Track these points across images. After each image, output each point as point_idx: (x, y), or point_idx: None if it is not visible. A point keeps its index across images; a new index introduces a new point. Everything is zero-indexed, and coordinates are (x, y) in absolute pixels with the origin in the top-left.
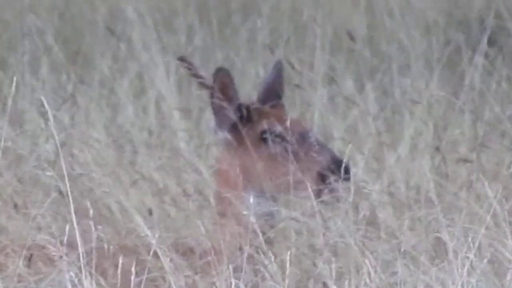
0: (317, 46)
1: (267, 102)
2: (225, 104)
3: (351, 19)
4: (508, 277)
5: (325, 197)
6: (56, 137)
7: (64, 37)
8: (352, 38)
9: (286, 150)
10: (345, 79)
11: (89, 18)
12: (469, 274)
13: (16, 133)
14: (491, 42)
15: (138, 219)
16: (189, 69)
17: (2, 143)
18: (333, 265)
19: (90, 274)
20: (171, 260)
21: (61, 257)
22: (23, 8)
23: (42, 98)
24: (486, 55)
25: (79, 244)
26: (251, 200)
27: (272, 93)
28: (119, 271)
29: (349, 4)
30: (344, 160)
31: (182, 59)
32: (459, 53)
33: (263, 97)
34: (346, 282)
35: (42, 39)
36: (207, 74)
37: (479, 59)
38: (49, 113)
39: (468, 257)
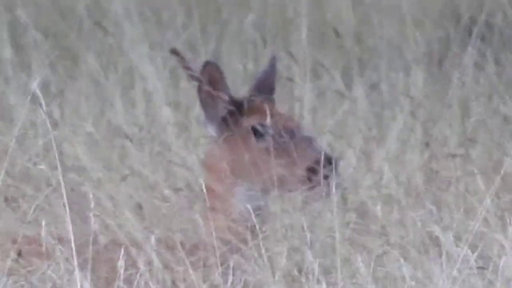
0: (305, 41)
1: (259, 97)
2: (214, 97)
3: (339, 14)
4: (499, 271)
5: (314, 192)
6: (50, 129)
7: (53, 32)
8: (337, 34)
9: (276, 145)
10: (333, 74)
11: (77, 13)
12: (458, 268)
13: (6, 127)
14: (480, 38)
15: (128, 214)
16: (181, 61)
17: None
18: (323, 260)
19: (81, 268)
20: (161, 255)
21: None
22: (12, 3)
23: (37, 91)
24: (475, 51)
25: (71, 238)
26: (240, 194)
27: (265, 88)
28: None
29: None
30: (334, 156)
31: (174, 51)
32: (448, 49)
33: (255, 92)
34: (336, 277)
35: (31, 34)
36: (198, 67)
37: (468, 55)
38: (43, 107)
39: (457, 252)
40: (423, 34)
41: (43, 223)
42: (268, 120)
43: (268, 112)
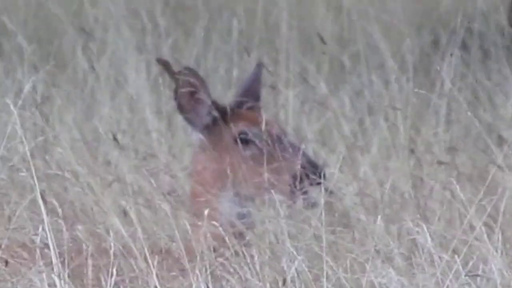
0: (289, 47)
1: (245, 103)
2: (195, 104)
3: (323, 21)
4: (484, 278)
5: (299, 200)
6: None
7: (38, 37)
8: (322, 40)
9: (261, 153)
10: (317, 81)
11: (62, 18)
12: (443, 275)
13: None
14: (463, 45)
15: (114, 220)
16: (167, 70)
17: None
18: (309, 267)
19: (65, 275)
20: (146, 261)
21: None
22: None
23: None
24: (459, 58)
25: (51, 245)
26: (226, 201)
27: (251, 95)
28: (90, 271)
29: (321, 5)
30: (319, 163)
31: (160, 61)
32: (432, 56)
33: (241, 99)
34: (321, 284)
35: (16, 40)
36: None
37: (450, 62)
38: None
39: (442, 259)
40: (406, 41)
41: (28, 229)
42: (254, 128)
43: (254, 119)
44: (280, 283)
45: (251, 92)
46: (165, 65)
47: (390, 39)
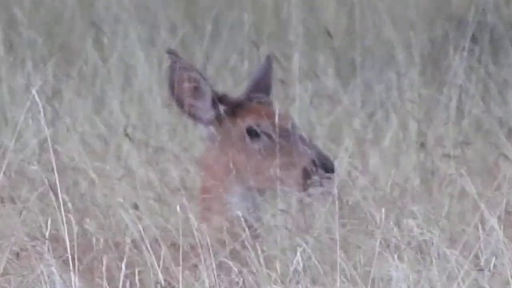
0: (299, 42)
1: (256, 97)
2: (193, 99)
3: (333, 15)
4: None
5: (311, 190)
6: (45, 128)
7: (48, 31)
8: (330, 35)
9: (271, 146)
10: (328, 75)
11: (72, 11)
12: (454, 269)
13: (0, 127)
14: (474, 39)
15: (124, 214)
16: (177, 62)
17: None
18: (319, 261)
19: (75, 268)
20: (157, 255)
21: (48, 251)
22: (8, 1)
23: (34, 92)
24: (470, 52)
25: (66, 239)
26: (236, 195)
27: (261, 89)
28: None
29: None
30: (329, 156)
31: (171, 52)
32: (443, 49)
33: (252, 93)
34: (332, 277)
35: (26, 33)
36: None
37: (461, 55)
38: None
39: (453, 253)
40: (417, 35)
41: (39, 223)
42: (264, 121)
43: (265, 113)
44: (290, 276)
45: (261, 86)
46: (175, 56)
47: (401, 33)
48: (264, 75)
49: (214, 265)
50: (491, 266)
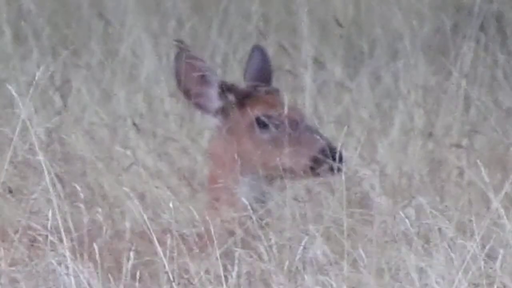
0: (307, 31)
1: (264, 87)
2: (203, 87)
3: (341, 4)
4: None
5: (320, 172)
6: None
7: (55, 21)
8: (339, 24)
9: (279, 136)
10: (336, 65)
11: (80, 3)
12: (461, 258)
13: (8, 117)
14: (482, 28)
15: (131, 204)
16: (185, 51)
17: None
18: (327, 251)
19: (82, 258)
20: (165, 245)
21: (60, 241)
22: None
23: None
24: (477, 41)
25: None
26: (244, 185)
27: (262, 78)
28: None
29: None
30: (337, 147)
31: (178, 41)
32: (451, 38)
33: (253, 83)
34: (340, 266)
35: (33, 23)
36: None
37: (469, 44)
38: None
39: (460, 242)
40: (424, 24)
41: (46, 213)
42: (272, 111)
43: (273, 103)
44: (298, 265)
45: (262, 76)
46: (183, 45)
47: (409, 22)
48: (263, 65)
49: (218, 255)
50: (500, 255)
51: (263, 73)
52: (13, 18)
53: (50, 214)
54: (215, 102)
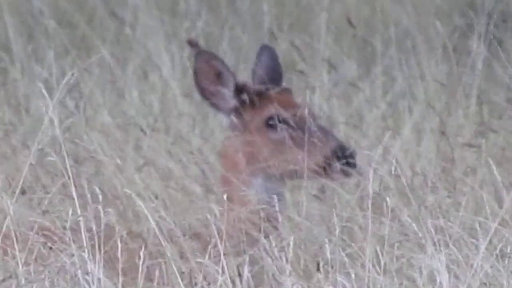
0: (321, 30)
1: (276, 87)
2: (217, 87)
3: (354, 4)
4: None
5: (333, 172)
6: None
7: (68, 21)
8: (352, 24)
9: (292, 136)
10: (349, 64)
11: (93, 3)
12: (473, 258)
13: (20, 118)
14: (495, 26)
15: (144, 204)
16: (201, 51)
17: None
18: (340, 250)
19: (96, 258)
20: (176, 245)
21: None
22: None
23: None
24: (490, 40)
25: (84, 229)
26: (257, 185)
27: (272, 78)
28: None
29: None
30: (349, 146)
31: (191, 41)
32: (464, 38)
33: (262, 82)
34: (354, 266)
35: (45, 23)
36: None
37: (483, 44)
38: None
39: (473, 242)
40: (438, 23)
41: (60, 213)
42: (285, 111)
43: (285, 103)
44: (312, 267)
45: (271, 76)
46: (195, 46)
47: (422, 22)
48: (273, 65)
49: (236, 257)
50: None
51: (272, 73)
52: (25, 19)
53: (69, 214)
54: (230, 101)
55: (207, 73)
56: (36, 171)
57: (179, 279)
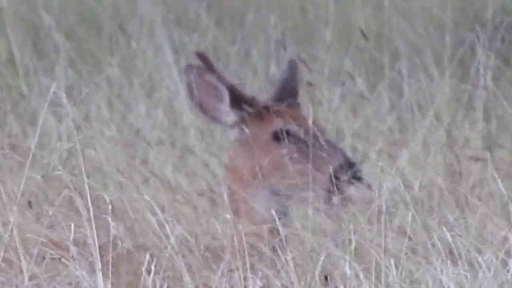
0: (328, 43)
1: (283, 101)
2: (212, 102)
3: (361, 17)
4: None
5: (336, 200)
6: (72, 133)
7: (76, 35)
8: (364, 35)
9: (299, 150)
10: (356, 77)
11: (100, 16)
12: (481, 271)
13: (28, 131)
14: (502, 40)
15: (151, 218)
16: (206, 65)
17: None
18: (348, 264)
19: (104, 272)
20: (184, 258)
21: (72, 256)
22: (36, 6)
23: (60, 95)
24: (498, 53)
25: (91, 243)
26: (263, 198)
27: (288, 92)
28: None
29: (360, 2)
30: (356, 162)
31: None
32: (471, 52)
33: (278, 96)
34: (361, 279)
35: (54, 38)
36: (222, 71)
37: (490, 58)
38: (68, 108)
39: (482, 257)
40: (445, 37)
41: (65, 227)
42: (291, 125)
43: (293, 116)
44: (320, 278)
45: (288, 89)
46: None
47: (430, 35)
48: (291, 78)
49: (243, 270)
50: None
51: (288, 87)
52: (33, 33)
53: (72, 228)
54: (229, 115)
55: (200, 87)
56: (43, 184)
57: None
